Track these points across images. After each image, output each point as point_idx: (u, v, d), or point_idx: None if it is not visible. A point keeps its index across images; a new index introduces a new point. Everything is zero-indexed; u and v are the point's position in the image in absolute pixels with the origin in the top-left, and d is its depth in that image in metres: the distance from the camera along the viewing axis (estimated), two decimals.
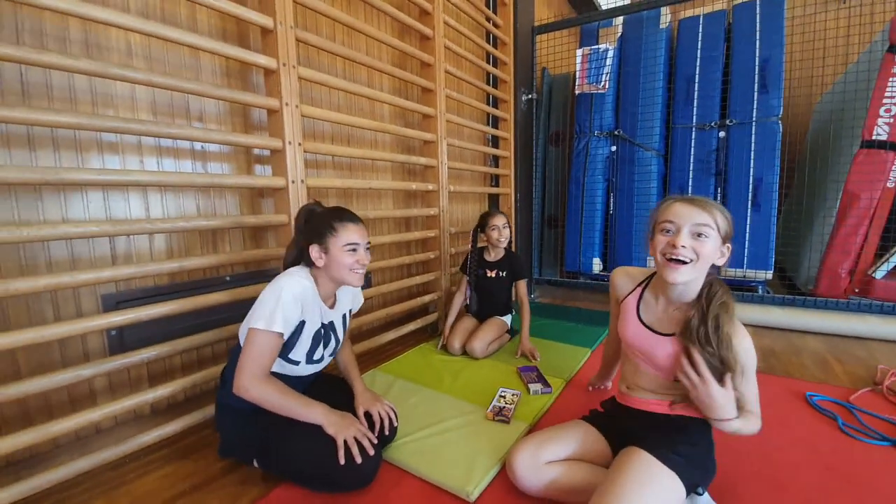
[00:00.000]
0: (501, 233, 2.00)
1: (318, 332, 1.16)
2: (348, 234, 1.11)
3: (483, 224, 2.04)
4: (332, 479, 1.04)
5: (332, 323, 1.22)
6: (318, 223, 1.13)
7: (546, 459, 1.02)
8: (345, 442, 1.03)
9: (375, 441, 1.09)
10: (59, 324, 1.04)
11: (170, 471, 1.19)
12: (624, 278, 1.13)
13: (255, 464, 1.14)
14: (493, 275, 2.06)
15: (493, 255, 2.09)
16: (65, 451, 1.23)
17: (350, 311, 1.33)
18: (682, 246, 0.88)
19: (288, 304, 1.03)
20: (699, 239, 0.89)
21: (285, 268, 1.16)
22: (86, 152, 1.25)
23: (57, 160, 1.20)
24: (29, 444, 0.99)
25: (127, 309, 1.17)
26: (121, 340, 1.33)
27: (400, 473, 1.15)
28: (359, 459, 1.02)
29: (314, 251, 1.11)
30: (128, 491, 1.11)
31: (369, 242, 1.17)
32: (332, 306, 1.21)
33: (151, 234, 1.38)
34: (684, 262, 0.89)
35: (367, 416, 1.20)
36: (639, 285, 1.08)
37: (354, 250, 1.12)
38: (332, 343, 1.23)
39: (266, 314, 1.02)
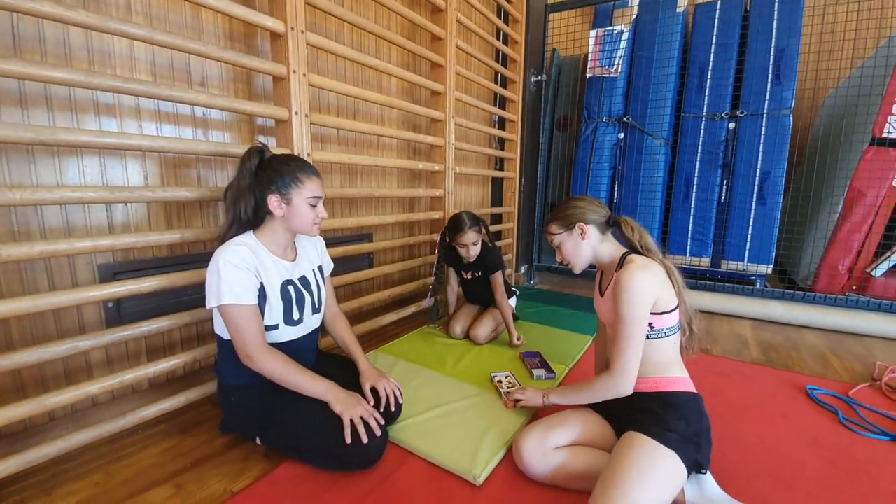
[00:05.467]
0: (471, 250, 1.80)
1: (284, 289, 1.11)
2: (314, 187, 1.08)
3: (451, 235, 1.82)
4: (338, 457, 1.02)
5: (303, 278, 1.17)
6: (278, 171, 1.06)
7: (553, 445, 1.03)
8: (351, 421, 1.02)
9: (382, 421, 1.07)
10: (54, 293, 0.99)
11: (169, 446, 1.16)
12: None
13: (258, 441, 1.12)
14: (470, 276, 1.98)
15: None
16: (60, 424, 1.20)
17: (321, 267, 1.28)
18: (558, 261, 1.20)
19: (229, 273, 0.99)
20: (559, 248, 1.16)
21: (237, 219, 1.08)
22: (82, 113, 1.18)
23: (51, 120, 1.13)
24: (23, 417, 0.96)
25: (125, 280, 1.12)
26: (118, 313, 1.29)
27: (404, 454, 1.14)
28: (365, 439, 1.01)
29: (273, 201, 1.06)
30: (126, 465, 1.08)
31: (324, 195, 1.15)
32: (293, 259, 1.17)
33: (150, 202, 1.32)
34: (568, 264, 1.17)
35: (373, 392, 1.18)
36: None
37: (315, 205, 1.10)
38: (309, 301, 1.18)
39: (214, 291, 1.00)
